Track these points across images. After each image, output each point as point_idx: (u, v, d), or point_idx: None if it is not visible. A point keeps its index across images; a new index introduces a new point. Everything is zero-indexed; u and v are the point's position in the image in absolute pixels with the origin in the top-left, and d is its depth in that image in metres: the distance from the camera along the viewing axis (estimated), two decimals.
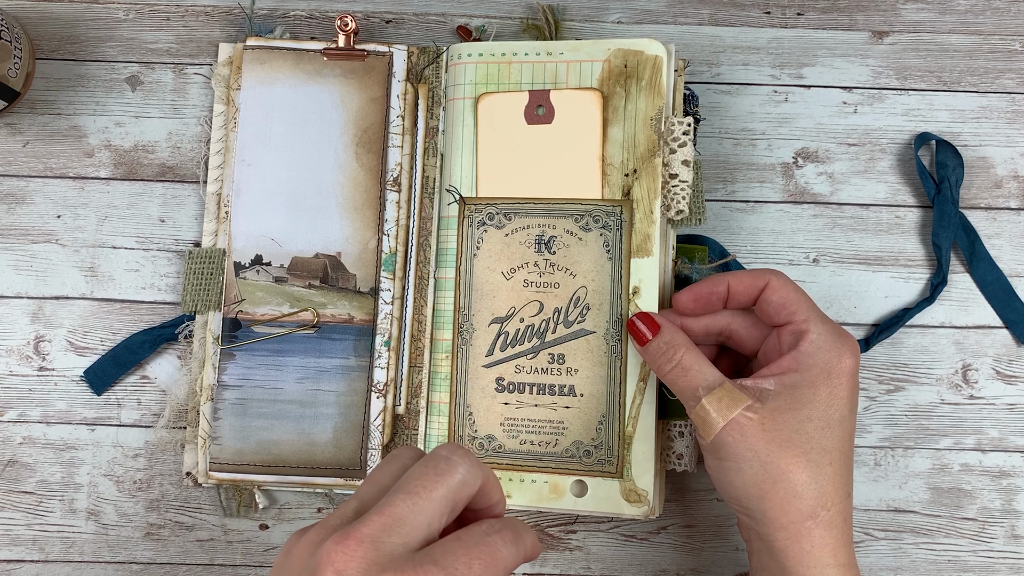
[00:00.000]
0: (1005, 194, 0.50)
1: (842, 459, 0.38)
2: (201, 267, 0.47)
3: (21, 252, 0.49)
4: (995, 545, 0.47)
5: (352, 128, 0.47)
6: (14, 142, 0.50)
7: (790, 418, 0.37)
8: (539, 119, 0.45)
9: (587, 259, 0.44)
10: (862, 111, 0.50)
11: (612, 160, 0.44)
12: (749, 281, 0.40)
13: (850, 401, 0.38)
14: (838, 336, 0.38)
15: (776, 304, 0.39)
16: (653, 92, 0.44)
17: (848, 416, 0.38)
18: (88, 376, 0.48)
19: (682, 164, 0.44)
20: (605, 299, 0.44)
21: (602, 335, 0.44)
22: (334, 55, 0.48)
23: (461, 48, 0.47)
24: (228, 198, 0.47)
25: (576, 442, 0.43)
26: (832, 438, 0.37)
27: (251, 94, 0.48)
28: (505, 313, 0.45)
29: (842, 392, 0.37)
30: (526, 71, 0.46)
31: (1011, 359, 0.49)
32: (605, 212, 0.44)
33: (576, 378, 0.44)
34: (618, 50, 0.44)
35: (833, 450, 0.37)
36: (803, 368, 0.38)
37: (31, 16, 0.51)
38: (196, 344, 0.47)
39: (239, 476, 0.45)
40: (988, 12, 0.51)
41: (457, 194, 0.46)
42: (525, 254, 0.45)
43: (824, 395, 0.37)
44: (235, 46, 0.49)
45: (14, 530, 0.47)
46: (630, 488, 0.42)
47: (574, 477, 0.43)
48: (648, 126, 0.44)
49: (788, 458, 0.36)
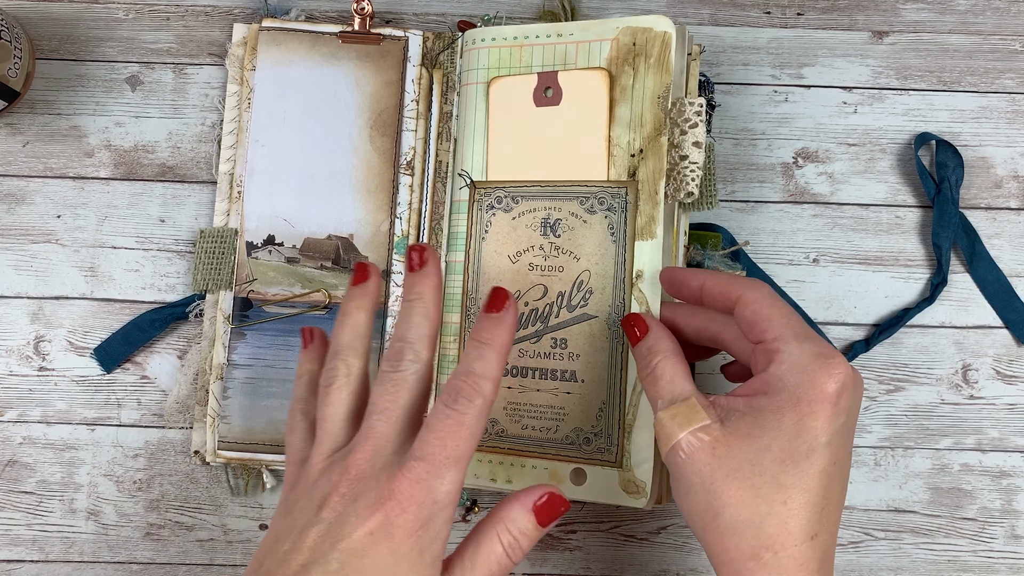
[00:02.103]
0: (1005, 194, 0.50)
1: (805, 499, 0.32)
2: (213, 246, 0.47)
3: (21, 252, 0.49)
4: (995, 545, 0.47)
5: (367, 111, 0.48)
6: (14, 142, 0.50)
7: (745, 445, 0.33)
8: (547, 101, 0.45)
9: (591, 242, 0.43)
10: (862, 111, 0.50)
11: (619, 141, 0.43)
12: (723, 288, 0.37)
13: (828, 431, 0.32)
14: (816, 358, 0.33)
15: (748, 320, 0.35)
16: (661, 69, 0.42)
17: (823, 449, 0.32)
18: (98, 354, 0.48)
19: (693, 145, 0.42)
20: (608, 283, 0.43)
21: (604, 320, 0.42)
22: (350, 38, 0.48)
23: (476, 33, 0.46)
24: (241, 178, 0.48)
25: (576, 429, 0.42)
26: (793, 474, 0.32)
27: (266, 75, 0.48)
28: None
29: (815, 422, 0.32)
30: (537, 54, 0.45)
31: (1011, 359, 0.49)
32: (610, 194, 0.43)
33: (578, 363, 0.43)
34: (627, 28, 0.43)
35: (792, 487, 0.32)
36: (772, 391, 0.33)
37: (31, 16, 0.51)
38: (206, 323, 0.47)
39: (247, 455, 0.46)
40: (988, 12, 0.51)
41: (468, 178, 0.46)
42: (531, 237, 0.44)
43: (791, 423, 0.32)
44: (250, 27, 0.49)
45: (14, 530, 0.47)
46: (628, 479, 0.41)
47: (573, 465, 0.42)
48: (655, 104, 0.42)
49: (732, 490, 0.32)
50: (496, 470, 0.44)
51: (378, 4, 0.51)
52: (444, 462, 0.30)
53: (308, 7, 0.50)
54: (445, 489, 0.30)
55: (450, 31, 0.50)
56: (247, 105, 0.48)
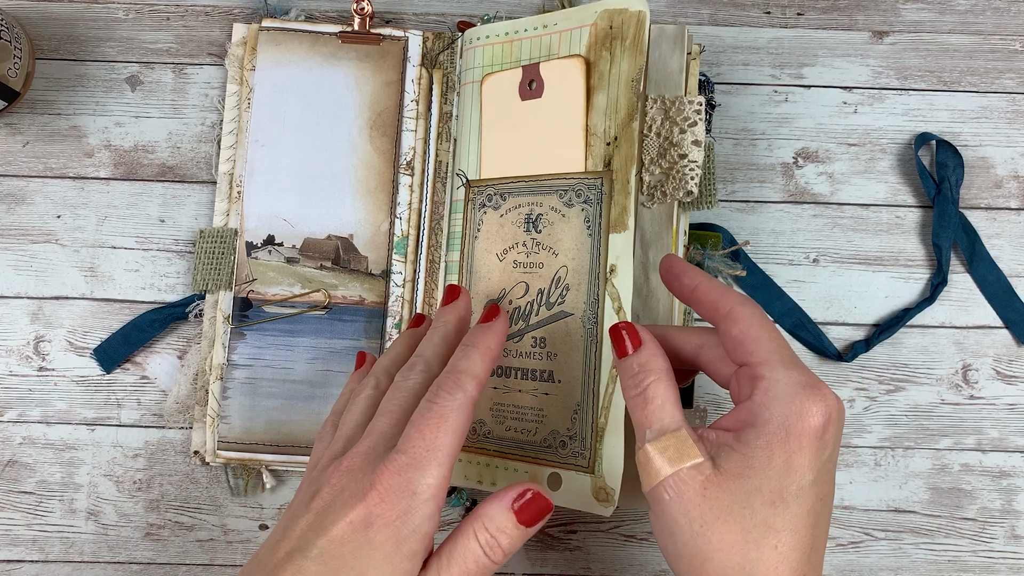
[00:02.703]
0: (1005, 194, 0.50)
1: (795, 541, 0.30)
2: (213, 246, 0.47)
3: (21, 252, 0.49)
4: (995, 545, 0.47)
5: (366, 111, 0.48)
6: (14, 142, 0.50)
7: (736, 487, 0.30)
8: (531, 94, 0.44)
9: (568, 236, 0.42)
10: (862, 111, 0.50)
11: (595, 129, 0.42)
12: (715, 297, 0.34)
13: (815, 468, 0.31)
14: (803, 387, 0.31)
15: (735, 339, 0.33)
16: (635, 51, 0.41)
17: (810, 487, 0.31)
18: (98, 354, 0.48)
19: (692, 144, 0.41)
20: (584, 278, 0.41)
21: (579, 317, 0.41)
22: (349, 38, 0.48)
23: (473, 32, 0.46)
24: (240, 178, 0.48)
25: (553, 431, 0.41)
26: (784, 516, 0.30)
27: (266, 75, 0.48)
28: (497, 295, 0.44)
29: (802, 459, 0.30)
30: (525, 47, 0.44)
31: (1011, 359, 0.49)
32: (587, 185, 0.41)
33: (555, 363, 0.41)
34: (604, 11, 0.42)
35: (783, 530, 0.30)
36: (759, 423, 0.31)
37: (31, 16, 0.51)
38: (206, 323, 0.47)
39: (247, 455, 0.46)
40: (988, 12, 0.51)
41: (464, 178, 0.46)
42: (516, 234, 0.44)
43: (780, 461, 0.31)
44: (250, 27, 0.49)
45: (14, 530, 0.47)
46: (600, 485, 0.40)
47: (550, 469, 0.41)
48: (629, 88, 0.41)
49: (723, 534, 0.30)
50: (482, 472, 0.43)
51: (378, 4, 0.51)
52: (424, 455, 0.30)
53: (308, 7, 0.50)
54: (426, 482, 0.30)
55: (450, 31, 0.50)
56: (247, 105, 0.48)
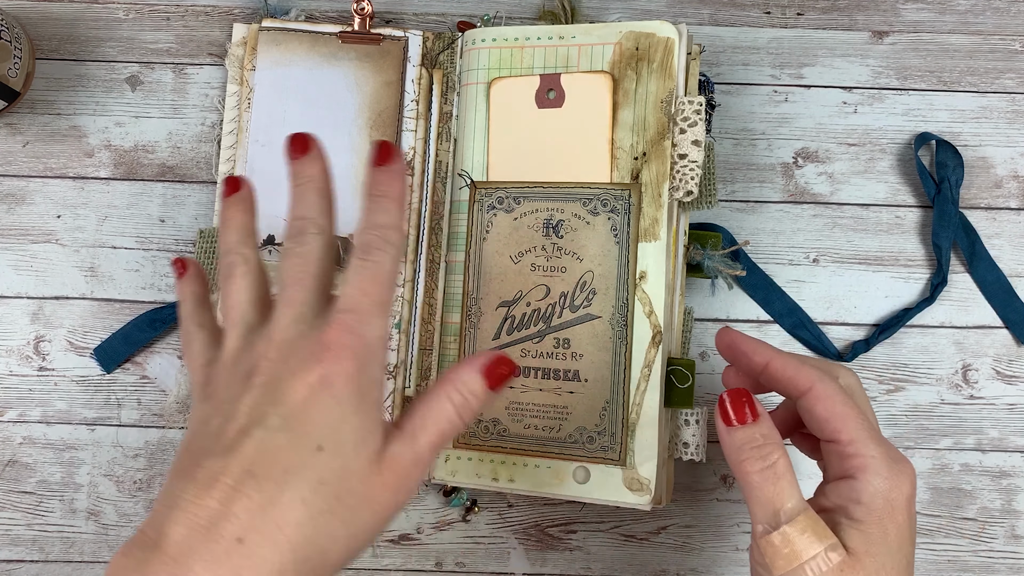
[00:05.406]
0: (1005, 194, 0.50)
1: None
2: (213, 246, 0.47)
3: (21, 252, 0.49)
4: (995, 545, 0.47)
5: (366, 111, 0.48)
6: (14, 142, 0.50)
7: (868, 564, 0.32)
8: (550, 103, 0.45)
9: (594, 243, 0.44)
10: (862, 111, 0.50)
11: (622, 144, 0.44)
12: (791, 374, 0.35)
13: (914, 530, 0.33)
14: (895, 462, 0.33)
15: (819, 417, 0.34)
16: (664, 74, 0.43)
17: (912, 553, 0.33)
18: (98, 354, 0.48)
19: (692, 144, 0.43)
20: (611, 284, 0.43)
21: (608, 320, 0.43)
22: (350, 38, 0.48)
23: (476, 33, 0.47)
24: None
25: (580, 428, 0.43)
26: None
27: (266, 75, 0.48)
28: (512, 297, 0.45)
29: (908, 528, 0.33)
30: (538, 55, 0.45)
31: (1011, 359, 0.49)
32: (613, 196, 0.44)
33: (581, 363, 0.43)
34: (630, 32, 0.44)
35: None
36: (865, 500, 0.33)
37: (31, 16, 0.51)
38: None
39: None
40: (988, 12, 0.51)
41: (469, 179, 0.46)
42: (533, 238, 0.45)
43: (894, 536, 0.32)
44: (250, 27, 0.49)
45: (14, 530, 0.47)
46: (632, 476, 0.42)
47: (577, 463, 0.43)
48: (659, 108, 0.43)
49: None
50: (498, 469, 0.44)
51: (378, 4, 0.51)
52: (370, 309, 0.30)
53: (308, 7, 0.51)
54: (375, 334, 0.30)
55: (450, 31, 0.50)
56: (247, 105, 0.48)
